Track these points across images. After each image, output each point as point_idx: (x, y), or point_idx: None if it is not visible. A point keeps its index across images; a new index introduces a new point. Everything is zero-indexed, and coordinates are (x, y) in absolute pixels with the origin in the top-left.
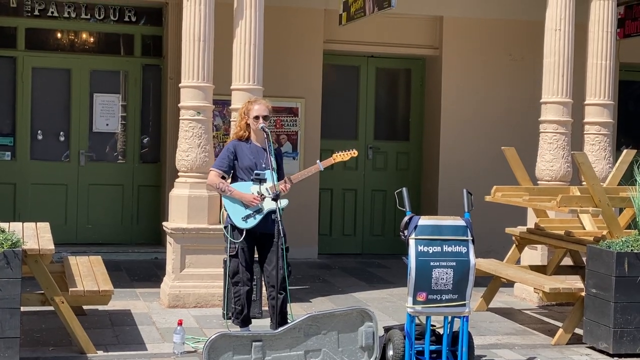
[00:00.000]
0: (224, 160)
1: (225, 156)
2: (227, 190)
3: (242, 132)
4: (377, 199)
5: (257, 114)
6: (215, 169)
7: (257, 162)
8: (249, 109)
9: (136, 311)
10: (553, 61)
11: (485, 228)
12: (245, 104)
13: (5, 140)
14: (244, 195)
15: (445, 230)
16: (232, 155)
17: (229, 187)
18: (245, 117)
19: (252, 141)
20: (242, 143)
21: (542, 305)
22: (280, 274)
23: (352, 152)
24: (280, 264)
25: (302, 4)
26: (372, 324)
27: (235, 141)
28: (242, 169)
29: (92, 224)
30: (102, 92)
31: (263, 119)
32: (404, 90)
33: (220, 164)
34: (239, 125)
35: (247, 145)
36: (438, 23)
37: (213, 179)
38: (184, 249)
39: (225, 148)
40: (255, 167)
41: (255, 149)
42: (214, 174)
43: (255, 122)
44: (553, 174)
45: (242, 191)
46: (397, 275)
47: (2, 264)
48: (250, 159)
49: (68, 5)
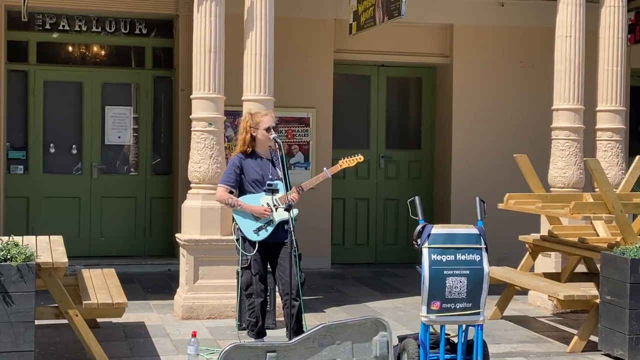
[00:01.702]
0: (231, 175)
1: (232, 171)
2: (236, 204)
3: (246, 147)
4: (390, 208)
5: (268, 125)
6: (222, 184)
7: (264, 174)
8: (258, 121)
9: (150, 323)
10: (564, 68)
11: (499, 236)
12: (247, 117)
13: (18, 154)
14: (254, 208)
15: (459, 239)
16: (239, 170)
17: (238, 201)
18: (250, 130)
19: (257, 154)
20: (247, 156)
21: (557, 312)
22: (295, 281)
23: (357, 158)
24: (294, 271)
25: (312, 15)
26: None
27: (239, 155)
28: (249, 182)
29: (105, 237)
30: (114, 105)
31: (273, 130)
32: (415, 98)
33: (227, 179)
34: (243, 139)
35: (252, 158)
36: (448, 31)
37: (221, 194)
38: (197, 261)
39: (231, 162)
40: (263, 180)
41: (260, 162)
42: (222, 190)
43: (267, 134)
44: (566, 181)
45: (251, 204)
46: (411, 284)
47: (16, 278)
48: (256, 171)
49: (79, 18)
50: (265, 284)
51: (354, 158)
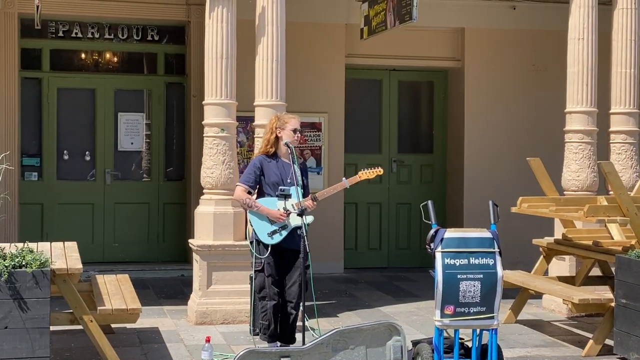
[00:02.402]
0: (250, 176)
1: (252, 171)
2: (253, 205)
3: (269, 147)
4: (402, 212)
5: (295, 127)
6: (241, 184)
7: (283, 177)
8: (286, 121)
9: (164, 329)
10: (577, 70)
11: (512, 239)
12: (274, 118)
13: (32, 160)
14: (270, 212)
15: (472, 243)
16: (259, 171)
17: (256, 202)
18: (275, 131)
19: (278, 156)
20: (268, 158)
21: (572, 316)
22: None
23: (377, 170)
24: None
25: (323, 19)
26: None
27: (261, 156)
28: (269, 184)
29: (119, 243)
30: (127, 111)
31: (299, 133)
32: (426, 102)
33: (247, 179)
34: (267, 139)
35: (274, 160)
36: (460, 35)
37: (239, 194)
38: (211, 266)
39: (252, 163)
40: (282, 183)
41: (281, 165)
42: (241, 189)
43: (292, 135)
44: (579, 184)
45: (268, 207)
46: (424, 288)
47: (31, 284)
48: (276, 174)
49: (91, 25)
50: (279, 287)
51: (374, 170)
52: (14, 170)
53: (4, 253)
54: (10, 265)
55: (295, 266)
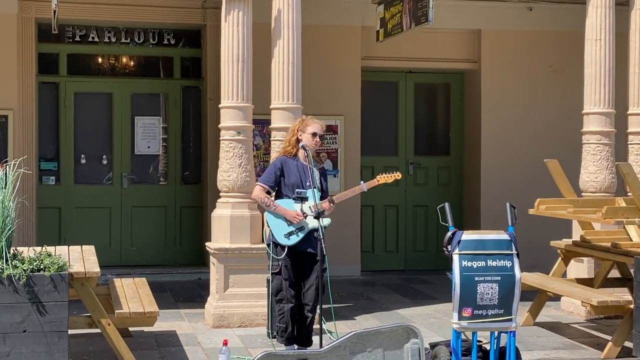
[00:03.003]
0: (271, 176)
1: (272, 172)
2: (271, 205)
3: (290, 148)
4: (419, 214)
5: (315, 131)
6: (261, 183)
7: (302, 179)
8: (307, 124)
9: (181, 332)
10: (594, 71)
11: (530, 241)
12: (298, 120)
13: (50, 165)
14: (287, 212)
15: (489, 245)
16: (279, 172)
17: (273, 202)
18: (297, 133)
19: (299, 158)
20: (289, 160)
21: (590, 318)
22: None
23: (395, 175)
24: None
25: (339, 22)
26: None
27: (283, 157)
28: (288, 185)
29: (136, 246)
30: (143, 115)
31: (319, 137)
32: (443, 104)
33: (267, 179)
34: (289, 141)
35: (294, 162)
36: (476, 36)
37: (258, 193)
38: (228, 269)
39: (272, 164)
40: (301, 185)
41: (301, 167)
42: (259, 189)
43: (311, 139)
44: (597, 185)
45: (286, 208)
46: (442, 291)
47: (49, 288)
48: (296, 175)
49: (108, 30)
50: (296, 290)
51: (392, 175)
52: (31, 175)
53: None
54: (29, 269)
55: (313, 269)
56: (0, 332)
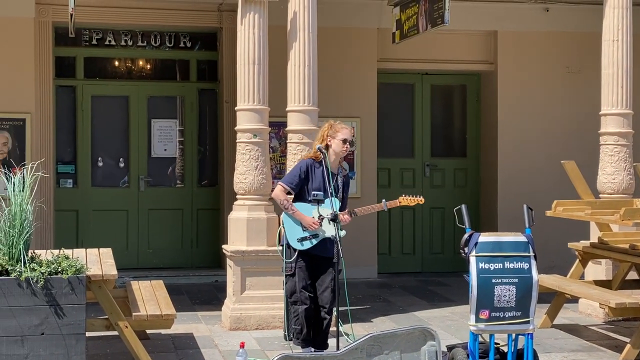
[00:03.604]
0: (294, 178)
1: (296, 174)
2: (289, 208)
3: (318, 153)
4: (436, 216)
5: (345, 137)
6: (283, 183)
7: (325, 187)
8: (337, 130)
9: (198, 334)
10: (612, 72)
11: (547, 243)
12: (327, 125)
13: (67, 168)
14: (304, 218)
15: (506, 247)
16: (304, 175)
17: (292, 205)
18: (327, 138)
19: (326, 164)
20: (316, 164)
21: (608, 320)
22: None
23: (418, 199)
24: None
25: (355, 24)
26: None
27: (310, 160)
28: (310, 189)
29: (153, 249)
30: (160, 118)
31: (350, 144)
32: (459, 106)
33: (290, 180)
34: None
35: (320, 167)
36: (492, 38)
37: (278, 193)
38: (244, 272)
39: (298, 166)
40: (322, 190)
41: (326, 173)
42: (280, 189)
43: (342, 145)
44: (615, 187)
45: (304, 213)
46: (458, 293)
47: (67, 290)
48: (320, 182)
49: (125, 33)
50: (310, 292)
51: (415, 198)
52: (49, 178)
53: (40, 260)
54: (47, 271)
55: (328, 271)
56: (19, 334)
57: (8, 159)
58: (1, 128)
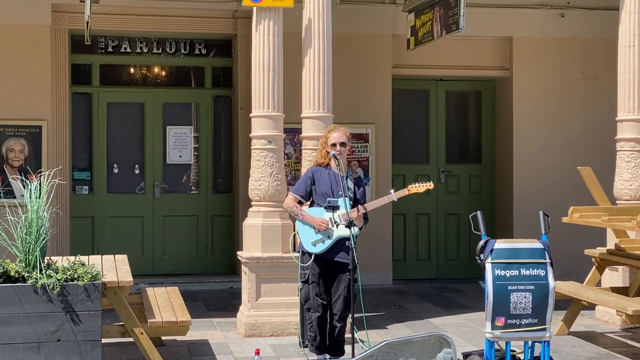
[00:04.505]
0: (302, 186)
1: (303, 182)
2: (299, 213)
3: (322, 160)
4: (451, 223)
5: (334, 142)
6: (293, 193)
7: (334, 189)
8: (327, 137)
9: (214, 341)
10: (628, 78)
11: (564, 250)
12: (325, 132)
13: (83, 174)
14: (314, 219)
15: (522, 254)
16: (310, 181)
17: (302, 211)
18: (325, 145)
19: (331, 168)
20: (321, 169)
21: (626, 327)
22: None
23: (427, 185)
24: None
25: (370, 30)
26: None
27: (315, 167)
28: (319, 194)
29: (168, 255)
30: (175, 125)
31: (340, 146)
32: (474, 112)
33: (298, 188)
34: (320, 153)
35: (326, 171)
36: (508, 44)
37: (288, 202)
38: (259, 278)
39: (305, 174)
40: (332, 194)
41: (333, 176)
42: (291, 198)
43: (332, 150)
44: (632, 193)
45: (314, 216)
46: (474, 299)
47: (83, 297)
48: (327, 185)
49: (140, 40)
50: (324, 299)
51: (424, 185)
52: (65, 185)
53: (56, 266)
54: (63, 278)
55: (342, 279)
56: (35, 341)
57: (24, 166)
58: (18, 135)
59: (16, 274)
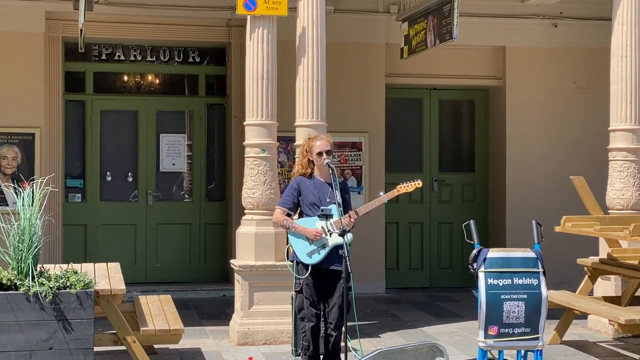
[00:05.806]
0: (288, 198)
1: (289, 193)
2: (290, 226)
3: (304, 170)
4: (444, 231)
5: (320, 150)
6: (280, 206)
7: (321, 197)
8: (311, 145)
9: (206, 349)
10: (620, 88)
11: (556, 259)
12: (305, 141)
13: (76, 182)
14: (307, 230)
15: (515, 263)
16: (296, 192)
17: (293, 223)
18: (307, 154)
19: (315, 177)
20: (305, 179)
21: (618, 337)
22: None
23: (416, 183)
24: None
25: (363, 39)
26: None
27: (299, 178)
28: (307, 204)
29: (161, 263)
30: (168, 133)
31: (326, 154)
32: (467, 121)
33: (285, 201)
34: (301, 163)
35: (311, 181)
36: (501, 53)
37: (277, 216)
38: (252, 286)
39: (289, 185)
40: (320, 203)
41: (319, 185)
42: (279, 212)
43: (319, 159)
44: (624, 203)
45: (306, 226)
46: (467, 308)
47: (75, 305)
48: (314, 194)
49: (134, 48)
50: (318, 309)
51: (413, 184)
52: (58, 192)
53: (49, 274)
54: (55, 286)
55: (336, 288)
56: (27, 349)
57: (17, 173)
58: (10, 142)
59: (8, 281)
